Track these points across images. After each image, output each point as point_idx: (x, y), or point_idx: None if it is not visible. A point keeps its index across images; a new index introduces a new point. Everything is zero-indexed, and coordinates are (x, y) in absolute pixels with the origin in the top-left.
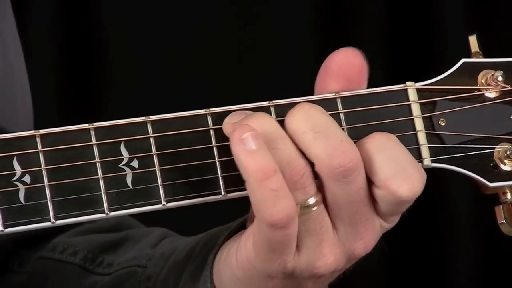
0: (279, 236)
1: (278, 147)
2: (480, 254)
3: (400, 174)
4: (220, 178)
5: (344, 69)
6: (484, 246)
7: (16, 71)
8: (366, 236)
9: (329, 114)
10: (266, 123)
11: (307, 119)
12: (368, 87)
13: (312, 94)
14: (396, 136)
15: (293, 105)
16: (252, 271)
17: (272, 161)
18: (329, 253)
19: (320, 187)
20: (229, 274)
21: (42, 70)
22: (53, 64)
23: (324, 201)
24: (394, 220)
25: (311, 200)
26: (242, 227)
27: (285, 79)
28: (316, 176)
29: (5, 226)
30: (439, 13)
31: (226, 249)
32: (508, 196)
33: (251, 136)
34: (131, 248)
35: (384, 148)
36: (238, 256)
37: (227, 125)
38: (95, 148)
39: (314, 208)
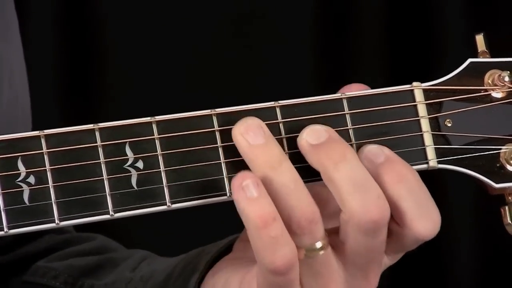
0: (280, 280)
1: (291, 192)
2: (480, 254)
3: (425, 215)
4: (225, 179)
5: None
6: (484, 246)
7: (20, 101)
8: (373, 279)
9: (335, 114)
10: (285, 164)
11: (349, 170)
12: (371, 86)
13: (312, 92)
14: (402, 137)
15: (299, 105)
16: None
17: (272, 209)
18: None
19: (335, 231)
20: None
21: (42, 70)
22: (53, 64)
23: (340, 245)
24: (399, 257)
25: (318, 244)
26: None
27: (286, 78)
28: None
29: (10, 227)
30: (439, 10)
31: (224, 277)
32: None
33: (252, 183)
34: (112, 271)
35: (413, 190)
36: None
37: (237, 137)
38: (100, 148)
39: (321, 252)
